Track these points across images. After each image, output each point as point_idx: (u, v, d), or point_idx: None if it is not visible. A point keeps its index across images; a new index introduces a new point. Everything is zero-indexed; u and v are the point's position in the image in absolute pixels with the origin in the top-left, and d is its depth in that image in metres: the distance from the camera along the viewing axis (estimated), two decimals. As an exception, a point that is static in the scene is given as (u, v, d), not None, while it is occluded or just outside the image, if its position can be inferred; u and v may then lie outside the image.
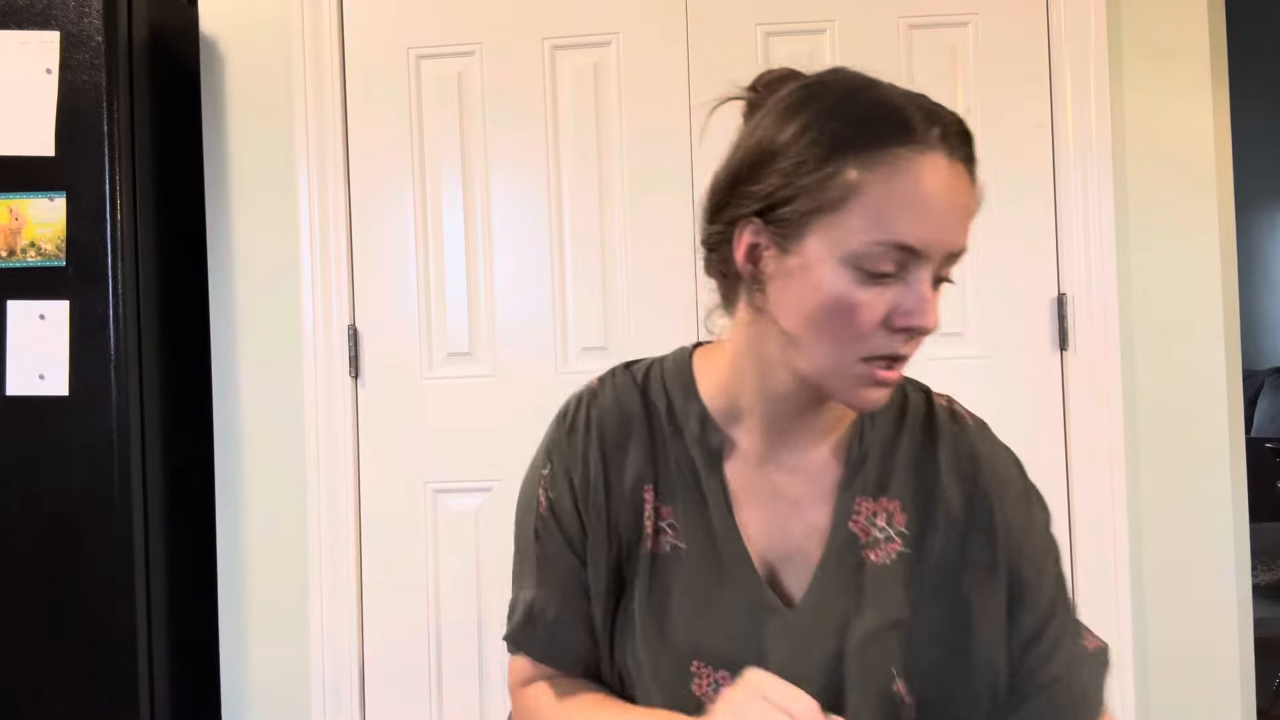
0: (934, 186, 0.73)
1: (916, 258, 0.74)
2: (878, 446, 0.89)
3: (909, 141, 0.74)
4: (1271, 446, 3.32)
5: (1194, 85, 1.97)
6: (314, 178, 2.07)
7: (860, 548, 0.86)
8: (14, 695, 1.84)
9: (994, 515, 0.86)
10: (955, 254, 0.77)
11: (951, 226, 0.75)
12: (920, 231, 0.73)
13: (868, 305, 0.74)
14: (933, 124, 0.75)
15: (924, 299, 0.74)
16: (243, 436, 2.09)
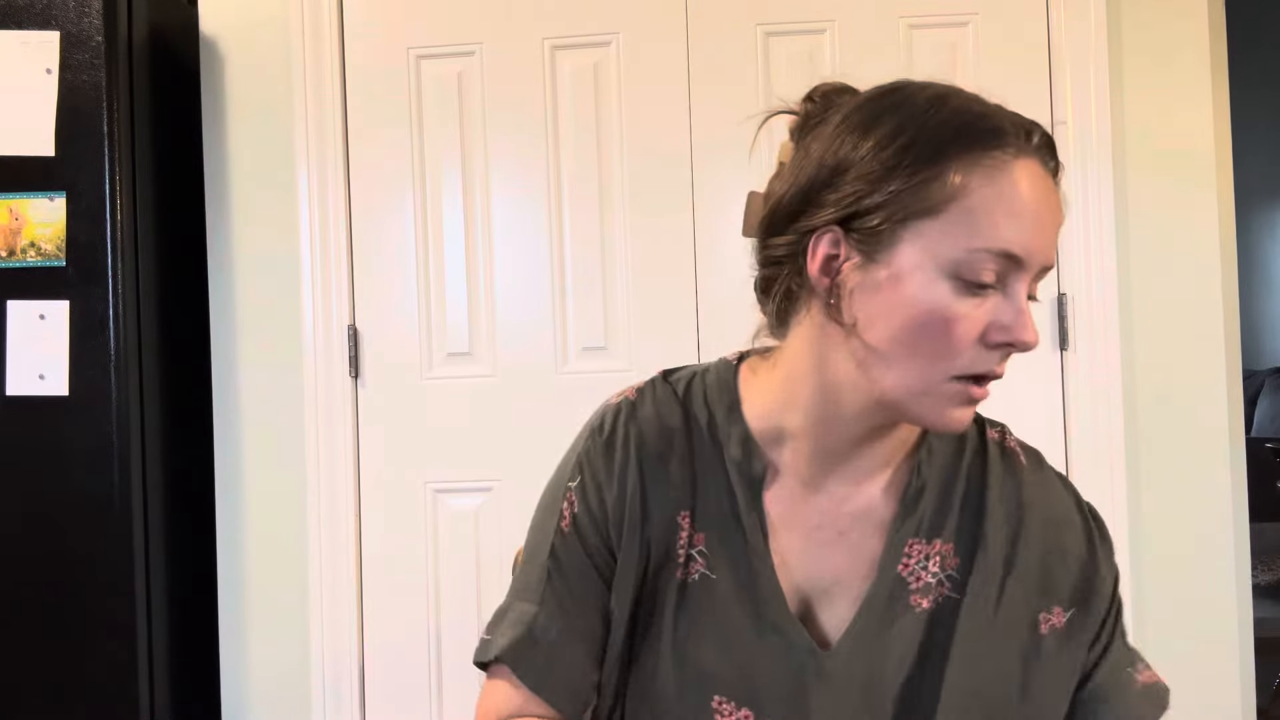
0: (1034, 192, 0.72)
1: (1017, 267, 0.71)
2: (935, 485, 0.83)
3: (1007, 146, 0.73)
4: (1271, 446, 3.32)
5: (1194, 85, 1.97)
6: (314, 177, 2.07)
7: (909, 593, 0.80)
8: (14, 695, 1.84)
9: (1038, 561, 0.82)
10: (1048, 268, 0.74)
11: (1049, 234, 0.73)
12: (1023, 238, 0.71)
13: (966, 319, 0.71)
14: (1026, 131, 0.75)
15: (1023, 313, 0.71)
16: (243, 436, 2.09)
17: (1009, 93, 2.19)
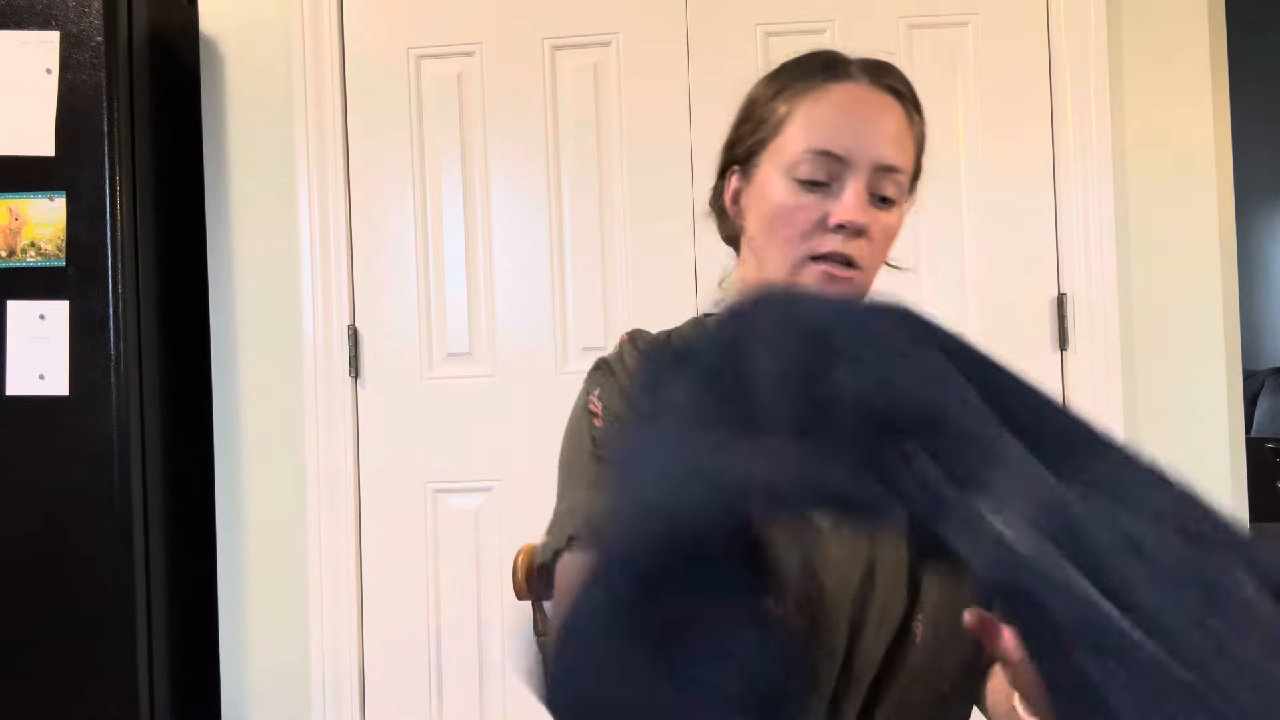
0: (854, 103, 0.88)
1: (843, 164, 0.86)
2: None
3: (834, 75, 0.89)
4: (1271, 446, 3.33)
5: (1194, 85, 1.97)
6: (314, 178, 2.07)
7: None
8: (14, 695, 1.84)
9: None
10: (885, 168, 0.87)
11: (872, 136, 0.86)
12: (840, 139, 0.86)
13: (806, 208, 0.86)
14: (858, 64, 0.90)
15: (851, 200, 0.85)
16: (243, 436, 2.09)
17: (1009, 93, 2.20)
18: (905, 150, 0.88)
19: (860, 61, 0.91)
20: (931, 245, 2.00)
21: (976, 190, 2.00)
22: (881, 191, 0.87)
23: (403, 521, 2.07)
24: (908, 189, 0.91)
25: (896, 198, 0.88)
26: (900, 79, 0.91)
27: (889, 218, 0.88)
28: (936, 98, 2.00)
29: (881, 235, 0.88)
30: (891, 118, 0.88)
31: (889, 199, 0.87)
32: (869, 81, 0.89)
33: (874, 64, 0.91)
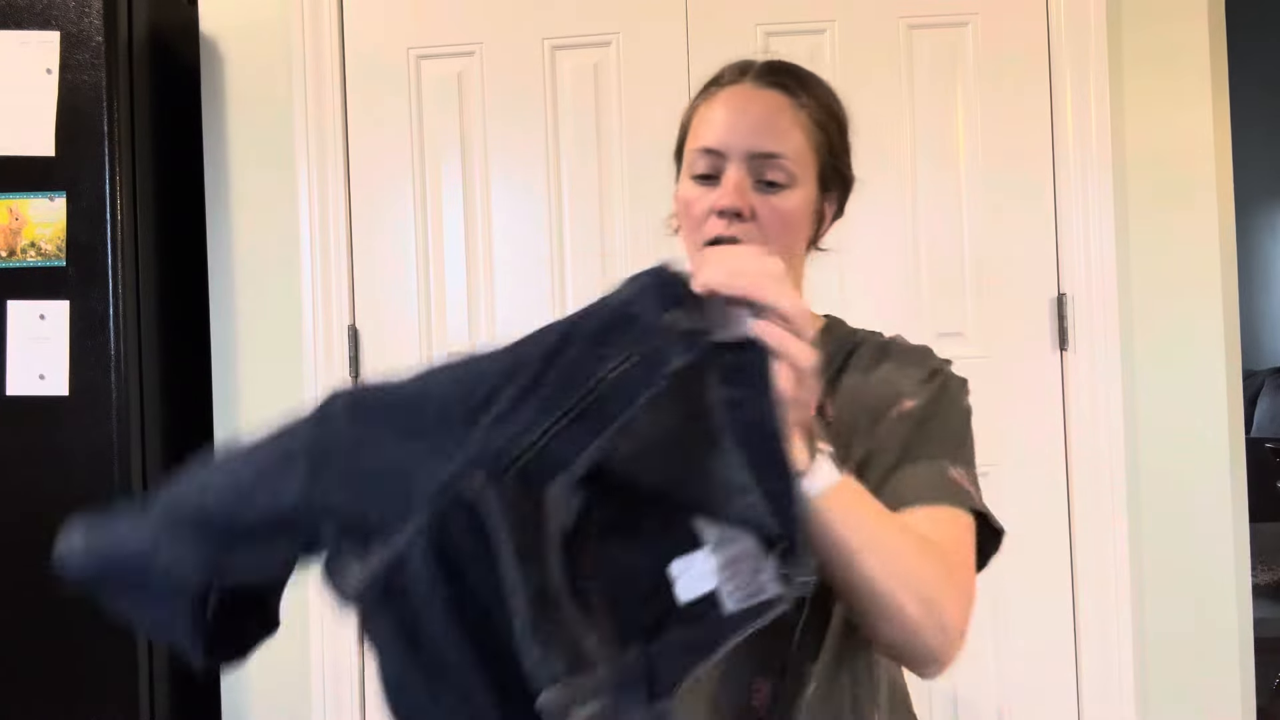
0: (733, 100, 0.97)
1: (722, 158, 0.94)
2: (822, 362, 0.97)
3: (720, 83, 1.00)
4: (1271, 446, 3.33)
5: (1194, 85, 1.97)
6: (314, 178, 2.07)
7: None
8: (14, 695, 1.84)
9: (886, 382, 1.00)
10: (761, 154, 0.94)
11: (745, 128, 0.94)
12: (716, 135, 0.95)
13: (698, 200, 0.95)
14: (741, 70, 0.99)
15: (727, 186, 0.93)
16: (243, 437, 2.08)
17: (1009, 93, 2.20)
18: (785, 135, 0.94)
19: (758, 65, 0.99)
20: (931, 245, 2.00)
21: (976, 190, 1.99)
22: (765, 177, 0.94)
23: (403, 521, 2.06)
24: (808, 172, 0.96)
25: (785, 181, 0.94)
26: (793, 74, 0.98)
27: (779, 200, 0.94)
28: (936, 98, 2.01)
29: (772, 217, 0.94)
30: (767, 108, 0.95)
31: (775, 183, 0.94)
32: (754, 81, 0.97)
33: (768, 65, 0.99)
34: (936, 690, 1.99)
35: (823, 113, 0.98)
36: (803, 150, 0.96)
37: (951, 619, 0.81)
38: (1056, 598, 1.96)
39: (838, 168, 1.00)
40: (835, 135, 1.00)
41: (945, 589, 0.81)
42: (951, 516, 0.92)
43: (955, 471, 0.95)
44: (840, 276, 2.01)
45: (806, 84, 0.98)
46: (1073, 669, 1.96)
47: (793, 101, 0.96)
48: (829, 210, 1.02)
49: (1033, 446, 1.98)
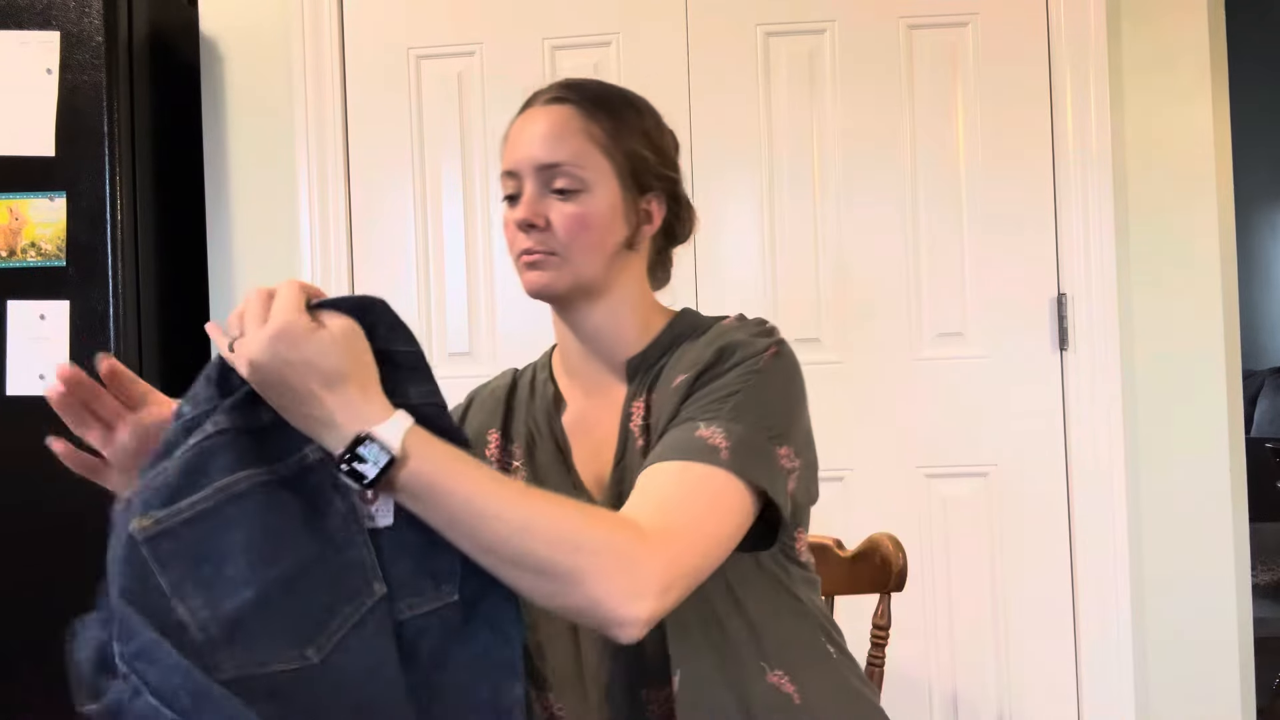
0: (520, 125, 1.03)
1: (517, 177, 1.00)
2: (654, 357, 1.04)
3: (522, 110, 1.05)
4: (1271, 446, 3.33)
5: (1194, 85, 1.97)
6: (314, 177, 2.07)
7: (634, 439, 1.02)
8: (14, 695, 1.84)
9: (688, 360, 1.00)
10: (544, 166, 0.99)
11: (529, 144, 1.00)
12: (509, 157, 1.02)
13: (507, 221, 1.02)
14: (541, 94, 1.04)
15: (522, 202, 1.00)
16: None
17: (1009, 93, 2.20)
18: (566, 144, 0.99)
19: (552, 85, 1.05)
20: (931, 245, 2.00)
21: (976, 190, 1.99)
22: (554, 186, 0.99)
23: (403, 521, 2.06)
24: (603, 175, 1.00)
25: (576, 186, 0.98)
26: (580, 89, 1.03)
27: (571, 206, 0.98)
28: (936, 98, 2.01)
29: (565, 222, 0.98)
30: (550, 122, 1.00)
31: (565, 189, 0.99)
32: (542, 103, 1.02)
33: (558, 84, 1.05)
34: (936, 690, 1.99)
35: (617, 120, 1.02)
36: (590, 155, 0.99)
37: (604, 590, 0.78)
38: (1056, 598, 1.96)
39: (651, 169, 1.04)
40: (639, 139, 1.03)
41: (595, 559, 0.79)
42: (684, 475, 0.88)
43: (705, 430, 0.90)
44: (841, 276, 2.01)
45: (597, 96, 1.03)
46: (1073, 669, 1.96)
47: (577, 112, 1.00)
48: (656, 210, 1.05)
49: (1033, 446, 1.98)
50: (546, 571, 0.78)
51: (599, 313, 1.03)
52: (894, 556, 1.31)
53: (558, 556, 0.78)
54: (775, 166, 2.02)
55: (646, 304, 1.08)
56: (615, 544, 0.80)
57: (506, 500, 0.79)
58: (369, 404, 0.77)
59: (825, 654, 1.03)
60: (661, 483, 0.88)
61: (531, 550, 0.78)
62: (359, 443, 0.75)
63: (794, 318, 1.99)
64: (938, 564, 1.99)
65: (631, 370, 1.04)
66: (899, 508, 1.98)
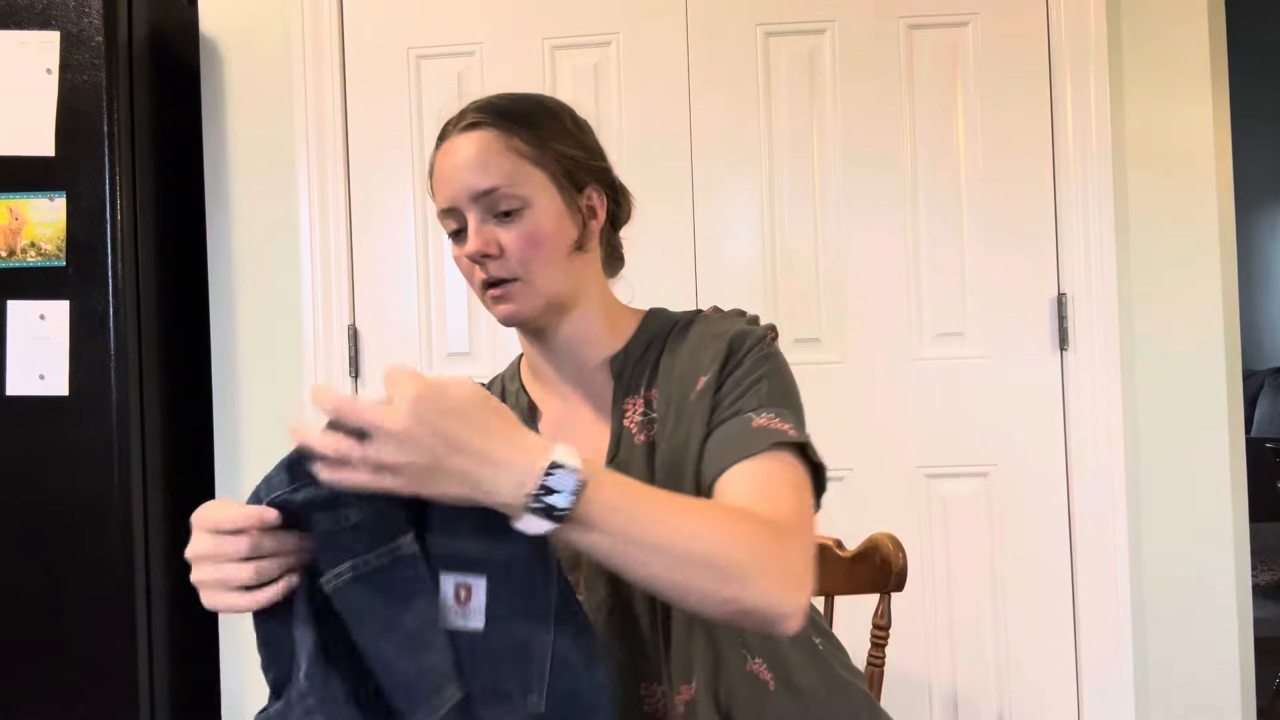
0: (443, 160, 1.01)
1: (457, 215, 1.00)
2: (637, 356, 1.06)
3: (438, 145, 1.03)
4: (1271, 446, 3.32)
5: (1194, 85, 1.97)
6: (314, 178, 2.07)
7: (632, 436, 1.02)
8: (14, 695, 1.84)
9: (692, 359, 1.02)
10: (479, 194, 0.98)
11: (458, 177, 0.98)
12: (443, 195, 1.01)
13: (459, 258, 1.03)
14: (454, 122, 1.02)
15: (469, 235, 1.00)
16: (243, 437, 2.09)
17: (1009, 93, 2.20)
18: (494, 166, 0.98)
19: (465, 112, 1.02)
20: (931, 245, 2.00)
21: (976, 190, 1.99)
22: (497, 210, 0.99)
23: (403, 521, 2.06)
24: (540, 185, 0.99)
25: (517, 205, 0.98)
26: (491, 109, 1.01)
27: (518, 226, 0.98)
28: (936, 98, 2.01)
29: (519, 242, 0.98)
30: (472, 150, 0.99)
31: (508, 211, 0.98)
32: (457, 131, 1.00)
33: (472, 108, 1.02)
34: (936, 690, 1.99)
35: (535, 127, 1.00)
36: (521, 170, 0.98)
37: (769, 586, 0.80)
38: (1056, 598, 1.96)
39: (582, 164, 1.03)
40: (562, 139, 1.02)
41: (752, 561, 0.80)
42: (765, 466, 0.91)
43: (760, 418, 0.94)
44: (841, 276, 2.01)
45: (511, 110, 1.01)
46: (1073, 669, 1.96)
47: (494, 132, 0.99)
48: (598, 204, 1.06)
49: (1033, 446, 1.98)
50: (721, 572, 0.79)
51: (569, 323, 1.04)
52: (894, 556, 1.31)
53: (733, 555, 0.79)
54: (775, 166, 2.02)
55: (610, 303, 1.10)
56: (769, 541, 0.82)
57: (677, 509, 0.81)
58: (530, 436, 0.77)
59: (809, 645, 1.06)
60: (755, 479, 0.90)
61: (707, 554, 0.79)
62: (548, 473, 0.74)
63: (794, 318, 1.99)
64: (938, 564, 1.99)
65: (616, 369, 1.05)
66: (899, 508, 1.98)
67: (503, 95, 1.05)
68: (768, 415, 0.94)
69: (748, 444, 0.92)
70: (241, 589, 0.76)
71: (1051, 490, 1.97)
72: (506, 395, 1.13)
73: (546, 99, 1.07)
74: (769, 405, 0.96)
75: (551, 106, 1.06)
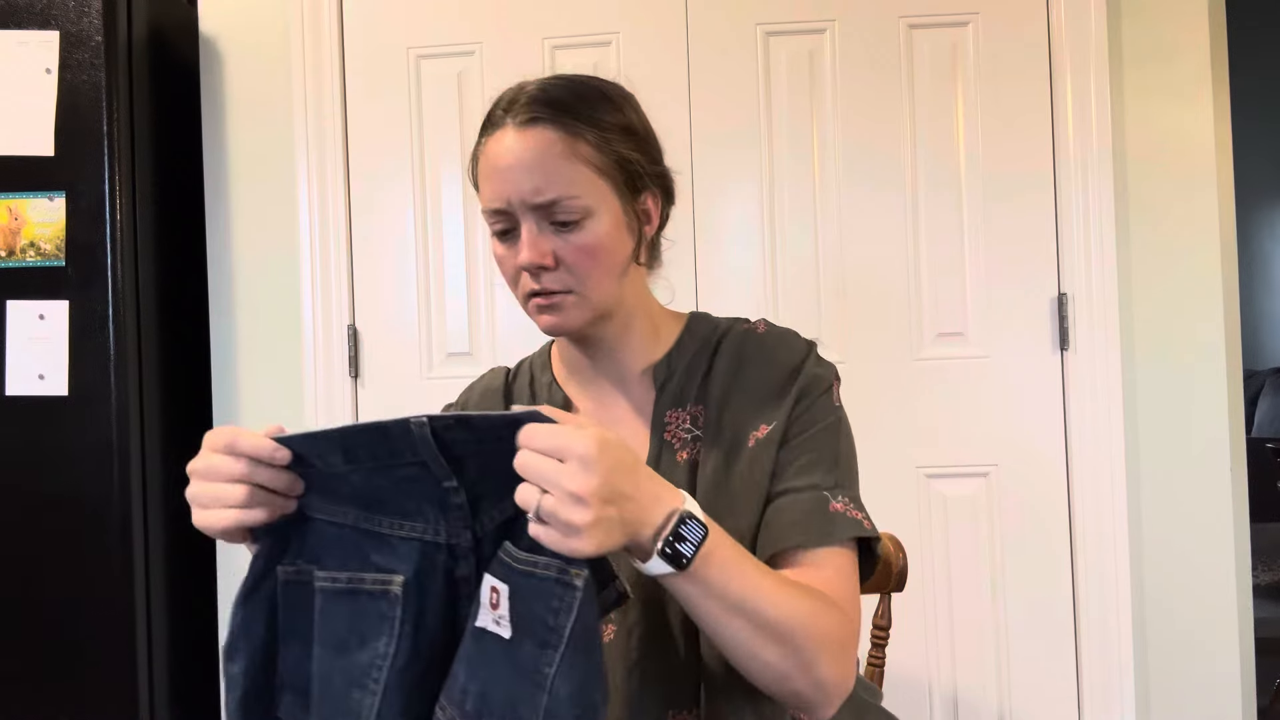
0: (500, 155, 0.92)
1: (509, 216, 0.93)
2: (683, 367, 1.02)
3: (488, 129, 0.95)
4: (1271, 446, 3.32)
5: (1194, 85, 1.97)
6: (314, 178, 2.07)
7: (673, 451, 0.99)
8: (13, 695, 1.84)
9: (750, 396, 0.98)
10: (542, 204, 0.91)
11: (518, 181, 0.91)
12: (497, 193, 0.93)
13: (504, 259, 0.96)
14: (506, 108, 0.94)
15: (522, 245, 0.92)
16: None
17: (1009, 93, 2.20)
18: (560, 175, 0.91)
19: (521, 102, 0.93)
20: (931, 245, 2.00)
21: (976, 190, 1.99)
22: (556, 219, 0.92)
23: (403, 521, 2.06)
24: (603, 194, 0.93)
25: (579, 216, 0.92)
26: (556, 102, 0.93)
27: (578, 237, 0.92)
28: (936, 98, 2.01)
29: (575, 255, 0.92)
30: (536, 153, 0.91)
31: (569, 222, 0.92)
32: (515, 124, 0.92)
33: (530, 99, 0.93)
34: (937, 690, 1.99)
35: (601, 128, 0.94)
36: (587, 178, 0.92)
37: (828, 674, 0.84)
38: (1056, 598, 1.96)
39: (643, 168, 0.97)
40: (626, 141, 0.96)
41: (822, 646, 0.83)
42: (835, 557, 0.92)
43: (837, 501, 0.94)
44: (841, 275, 2.01)
45: (575, 105, 0.94)
46: (1073, 669, 1.96)
47: (561, 134, 0.92)
48: (653, 208, 1.00)
49: (1033, 446, 1.98)
50: (795, 648, 0.82)
51: (612, 328, 1.00)
52: (894, 556, 1.31)
53: (810, 636, 0.83)
54: (775, 166, 2.02)
55: (653, 307, 1.05)
56: (841, 634, 0.86)
57: (774, 579, 0.84)
58: (665, 484, 0.78)
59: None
60: (828, 569, 0.91)
61: (790, 629, 0.82)
62: (681, 521, 0.76)
63: (794, 318, 1.99)
64: (938, 564, 1.99)
65: (660, 379, 1.02)
66: (899, 508, 1.98)
67: (561, 81, 0.96)
68: (844, 499, 0.95)
69: (826, 530, 0.92)
70: (228, 508, 0.77)
71: (1051, 490, 1.97)
72: (537, 386, 1.09)
73: (608, 86, 1.00)
74: (845, 486, 0.96)
75: (613, 96, 0.99)
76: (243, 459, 0.76)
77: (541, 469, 0.71)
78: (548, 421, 0.72)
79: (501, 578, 0.74)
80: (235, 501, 0.77)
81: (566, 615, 0.71)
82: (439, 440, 0.74)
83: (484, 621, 0.75)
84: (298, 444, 0.76)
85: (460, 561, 0.78)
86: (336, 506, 0.78)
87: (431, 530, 0.77)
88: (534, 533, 0.71)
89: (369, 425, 0.75)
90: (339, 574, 0.77)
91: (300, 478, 0.78)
